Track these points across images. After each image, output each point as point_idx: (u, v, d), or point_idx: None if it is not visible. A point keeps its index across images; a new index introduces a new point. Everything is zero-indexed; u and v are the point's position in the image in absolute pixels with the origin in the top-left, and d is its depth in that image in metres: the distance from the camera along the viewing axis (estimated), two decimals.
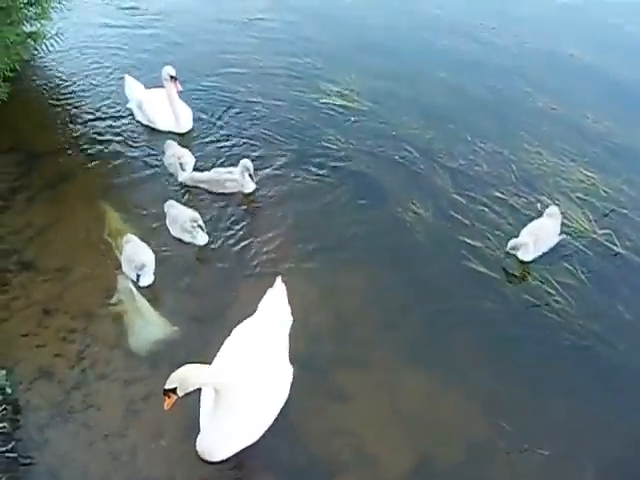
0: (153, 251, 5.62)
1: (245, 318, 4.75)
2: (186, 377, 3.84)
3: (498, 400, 4.59)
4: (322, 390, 4.61)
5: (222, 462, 4.20)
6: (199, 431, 4.22)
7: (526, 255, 5.60)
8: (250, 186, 6.40)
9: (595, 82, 8.31)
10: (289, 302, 4.85)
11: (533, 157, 6.87)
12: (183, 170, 6.48)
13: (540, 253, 5.66)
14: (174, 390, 3.83)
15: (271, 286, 4.89)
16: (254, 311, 4.85)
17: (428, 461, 4.26)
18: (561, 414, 4.52)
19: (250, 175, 6.29)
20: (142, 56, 8.81)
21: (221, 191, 6.43)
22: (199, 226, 5.74)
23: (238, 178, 6.33)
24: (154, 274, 5.50)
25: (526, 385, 4.71)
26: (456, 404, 4.57)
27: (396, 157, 6.86)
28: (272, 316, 4.69)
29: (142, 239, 5.69)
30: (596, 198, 6.31)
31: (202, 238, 5.85)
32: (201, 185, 6.50)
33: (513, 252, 5.57)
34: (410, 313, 5.22)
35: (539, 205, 6.19)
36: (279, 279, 4.89)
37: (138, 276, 5.39)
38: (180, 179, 6.52)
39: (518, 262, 5.64)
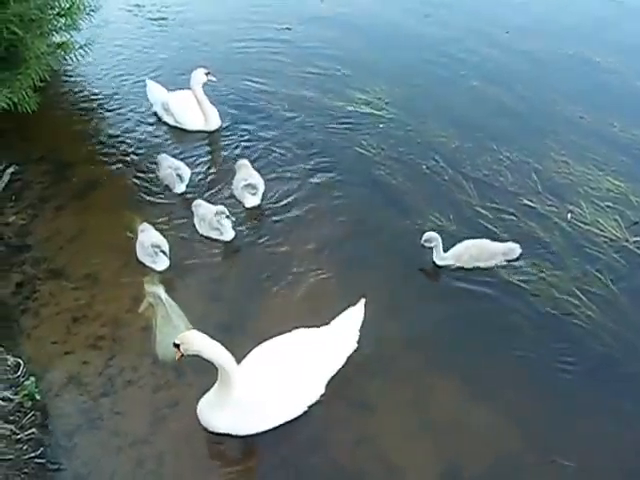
0: (182, 258, 5.74)
1: (272, 326, 4.79)
2: (188, 341, 4.17)
3: (526, 412, 4.54)
4: (349, 399, 4.60)
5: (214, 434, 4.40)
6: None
7: (437, 258, 5.66)
8: (249, 201, 6.36)
9: (623, 90, 8.23)
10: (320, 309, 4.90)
11: (560, 166, 6.81)
12: (181, 181, 6.52)
13: (456, 264, 5.66)
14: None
15: (299, 297, 4.97)
16: (281, 320, 4.94)
17: (455, 473, 4.22)
18: (590, 427, 4.46)
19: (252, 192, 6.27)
20: (168, 63, 8.96)
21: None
22: (227, 217, 5.80)
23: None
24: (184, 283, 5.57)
25: (555, 397, 4.65)
26: (484, 416, 4.52)
27: (423, 166, 6.84)
28: (338, 336, 4.72)
29: (171, 247, 5.76)
30: (625, 206, 6.23)
31: (229, 233, 5.96)
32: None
33: (426, 245, 5.59)
34: (439, 324, 5.19)
35: (569, 215, 6.13)
36: (363, 301, 4.86)
37: (156, 254, 5.57)
38: (177, 190, 6.56)
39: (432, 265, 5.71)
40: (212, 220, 5.88)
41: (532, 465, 4.25)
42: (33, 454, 4.27)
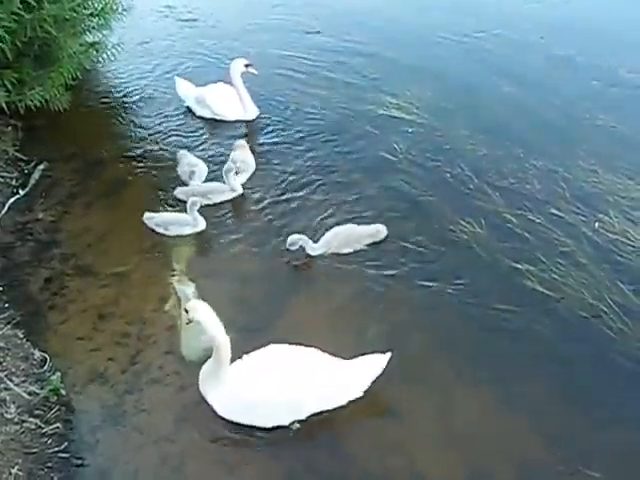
0: (208, 259, 5.87)
1: (296, 331, 4.84)
2: (194, 309, 4.39)
3: (553, 421, 4.49)
4: (376, 406, 4.57)
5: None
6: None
7: (309, 250, 5.80)
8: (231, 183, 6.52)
9: None
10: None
11: (589, 175, 6.74)
12: (190, 179, 6.63)
13: (328, 251, 5.84)
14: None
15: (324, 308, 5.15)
16: (304, 325, 5.03)
17: None
18: (617, 438, 4.40)
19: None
20: (197, 62, 9.14)
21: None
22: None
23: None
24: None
25: (582, 407, 4.60)
26: (510, 424, 4.48)
27: (449, 174, 6.80)
28: (347, 379, 4.52)
29: (199, 247, 5.95)
30: None
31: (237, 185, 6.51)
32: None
33: (292, 248, 5.71)
34: (465, 331, 5.15)
35: (596, 224, 6.07)
36: (388, 355, 4.55)
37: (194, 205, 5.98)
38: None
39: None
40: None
41: (557, 474, 4.19)
42: (57, 448, 4.30)
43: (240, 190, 6.54)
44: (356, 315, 5.27)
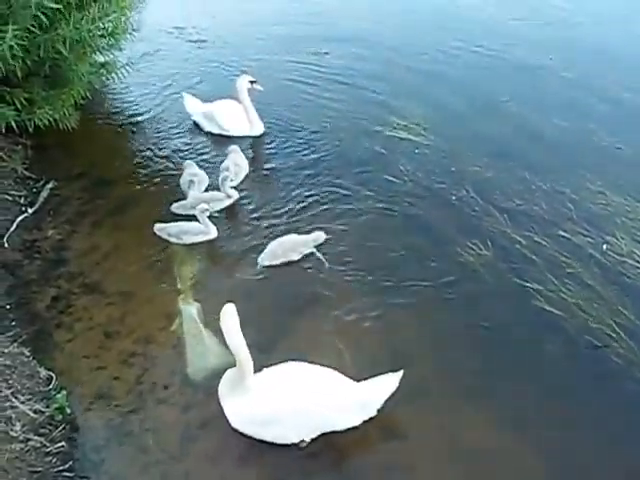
0: (214, 277, 5.85)
1: (302, 349, 4.82)
2: (222, 314, 4.29)
3: (556, 441, 4.44)
4: (377, 424, 4.51)
5: None
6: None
7: (264, 262, 5.93)
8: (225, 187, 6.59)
9: None
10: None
11: (597, 197, 6.73)
12: (188, 189, 6.70)
13: (274, 262, 5.93)
14: None
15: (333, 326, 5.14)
16: (311, 342, 5.00)
17: None
18: (619, 458, 4.37)
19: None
20: (205, 82, 9.19)
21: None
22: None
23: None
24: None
25: (585, 427, 4.56)
26: (512, 444, 4.45)
27: (453, 197, 6.79)
28: (361, 402, 4.46)
29: (206, 266, 6.00)
30: None
31: (232, 192, 6.60)
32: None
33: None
34: (470, 350, 5.14)
35: (604, 246, 6.06)
36: (400, 373, 4.49)
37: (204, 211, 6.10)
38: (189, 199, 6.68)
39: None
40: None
41: None
42: (62, 467, 4.28)
43: (236, 195, 6.62)
44: (361, 332, 5.26)
